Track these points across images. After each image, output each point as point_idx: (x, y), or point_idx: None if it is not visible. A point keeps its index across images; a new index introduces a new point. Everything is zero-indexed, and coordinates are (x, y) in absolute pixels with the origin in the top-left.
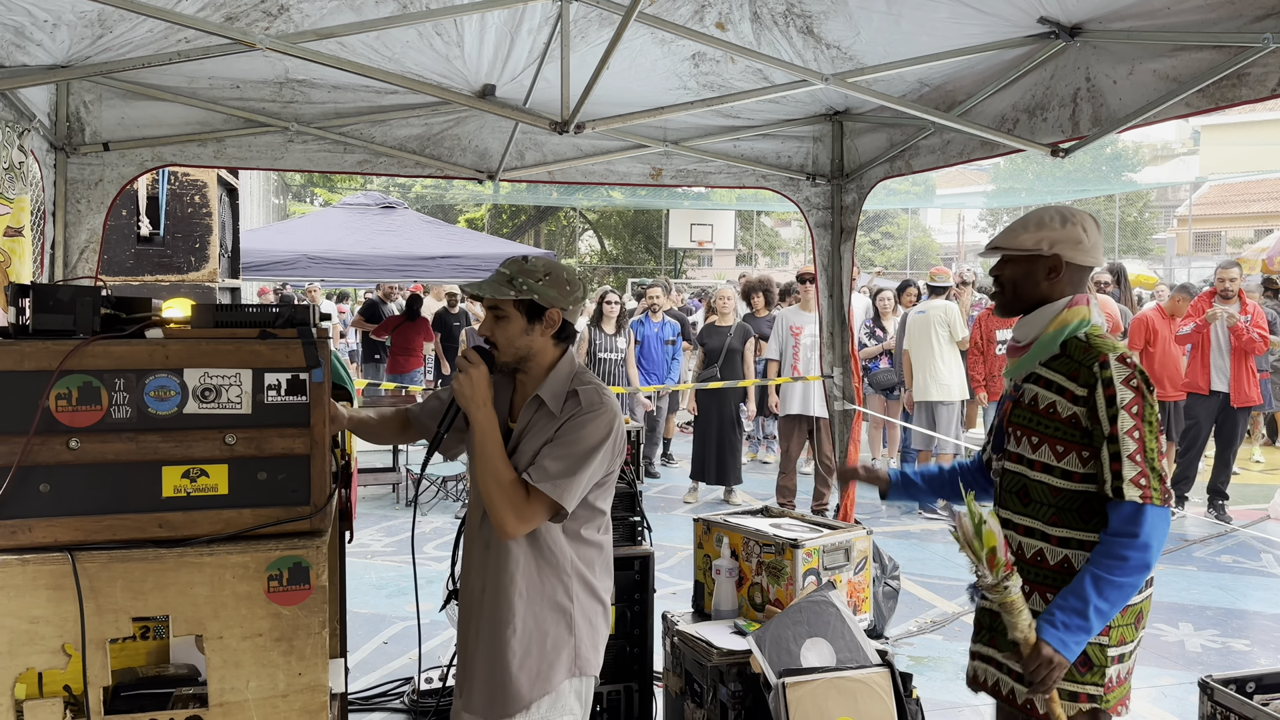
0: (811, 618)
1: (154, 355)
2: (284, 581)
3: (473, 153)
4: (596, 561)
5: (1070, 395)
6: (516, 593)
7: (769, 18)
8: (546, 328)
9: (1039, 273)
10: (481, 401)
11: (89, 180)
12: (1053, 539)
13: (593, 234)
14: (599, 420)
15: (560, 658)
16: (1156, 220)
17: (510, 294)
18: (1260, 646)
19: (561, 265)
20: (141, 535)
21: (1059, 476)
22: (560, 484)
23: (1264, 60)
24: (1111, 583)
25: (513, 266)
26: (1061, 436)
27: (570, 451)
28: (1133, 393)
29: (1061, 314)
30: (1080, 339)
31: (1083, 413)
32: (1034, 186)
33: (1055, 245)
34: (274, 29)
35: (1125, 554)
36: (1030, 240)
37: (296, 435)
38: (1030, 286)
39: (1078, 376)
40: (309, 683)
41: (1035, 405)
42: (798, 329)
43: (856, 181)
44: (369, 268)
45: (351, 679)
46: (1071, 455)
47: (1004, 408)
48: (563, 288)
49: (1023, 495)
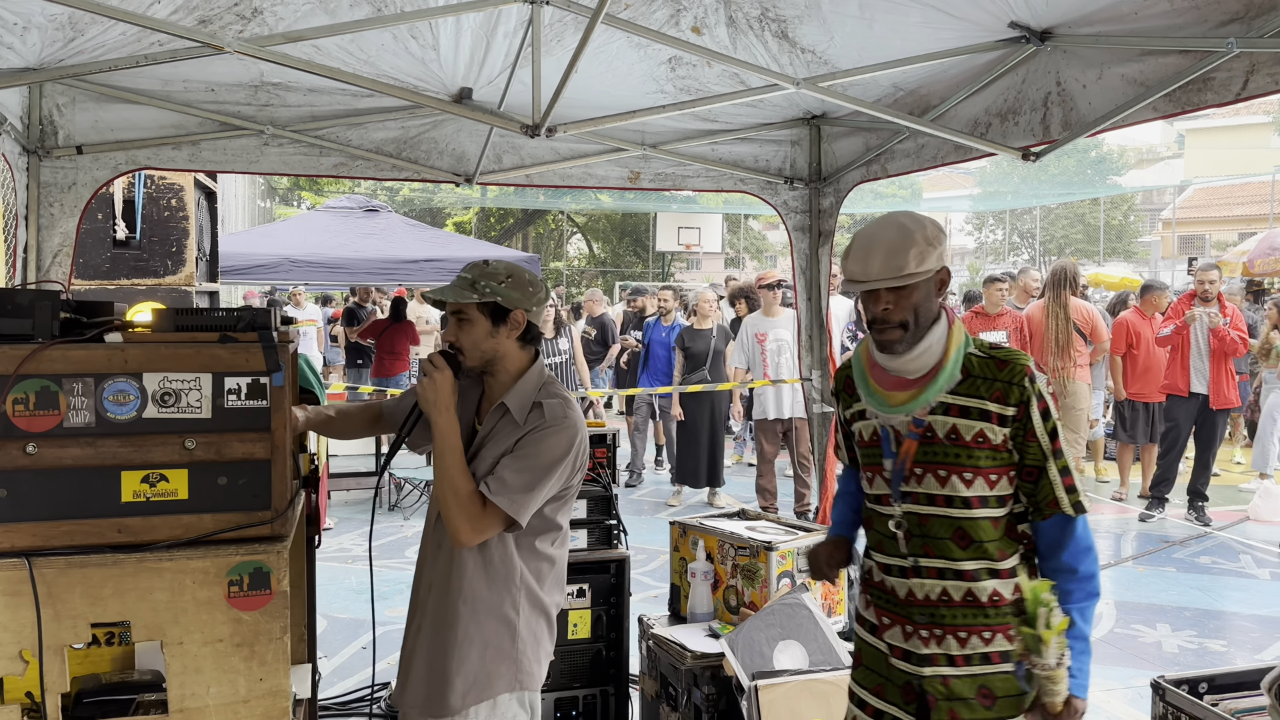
0: (784, 620)
1: (113, 359)
2: (245, 587)
3: (450, 156)
4: (547, 575)
5: (998, 418)
6: (462, 599)
7: (744, 22)
8: (511, 330)
9: (934, 291)
10: (443, 407)
11: (62, 184)
12: (1002, 573)
13: (580, 237)
14: (560, 435)
15: (500, 669)
16: (1141, 223)
17: (473, 297)
18: (1237, 647)
19: (523, 268)
20: (100, 540)
21: (995, 506)
22: (516, 499)
23: (1228, 65)
24: (1093, 603)
25: (474, 270)
26: (995, 464)
27: (529, 465)
28: (1053, 401)
29: (952, 334)
30: (979, 354)
31: (1011, 432)
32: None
33: (943, 256)
34: (248, 32)
35: (1091, 570)
36: (933, 259)
37: (257, 440)
38: (930, 309)
39: (1005, 397)
40: (270, 688)
41: (957, 438)
42: (762, 335)
43: (834, 185)
44: (352, 271)
45: (330, 684)
46: (1003, 480)
47: (905, 447)
48: (525, 289)
49: (960, 539)
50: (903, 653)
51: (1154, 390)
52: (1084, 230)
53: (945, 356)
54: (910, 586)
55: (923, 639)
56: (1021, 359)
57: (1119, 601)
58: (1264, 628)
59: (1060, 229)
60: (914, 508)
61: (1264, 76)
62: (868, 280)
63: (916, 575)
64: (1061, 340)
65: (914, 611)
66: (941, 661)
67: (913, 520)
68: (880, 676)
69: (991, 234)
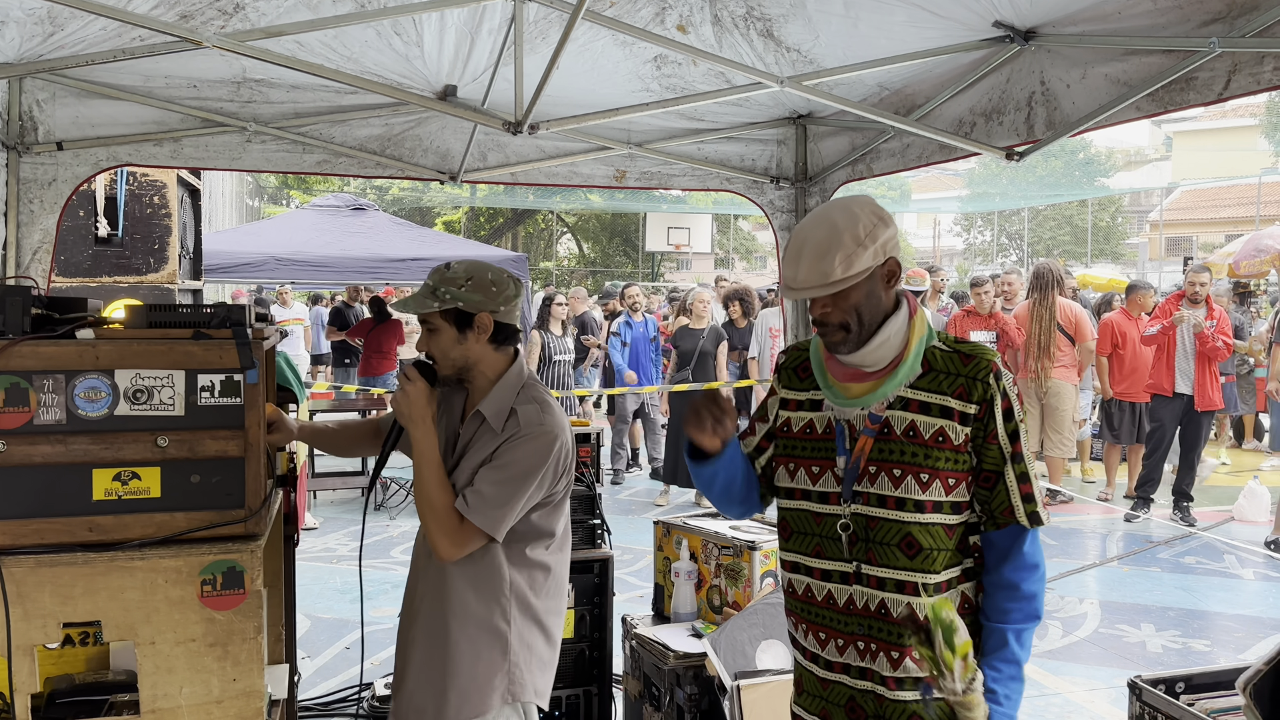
0: (767, 619)
1: (84, 356)
2: (218, 586)
3: (434, 153)
4: (543, 583)
5: (959, 416)
6: (452, 612)
7: (729, 20)
8: (479, 334)
9: (878, 286)
10: (418, 419)
11: (42, 180)
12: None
13: (570, 237)
14: (536, 443)
15: (494, 682)
16: (1129, 225)
17: (434, 305)
18: (1220, 647)
19: (486, 267)
20: (71, 539)
21: (950, 512)
22: (491, 514)
23: (1211, 65)
24: (1032, 627)
25: (435, 277)
26: (954, 467)
27: (505, 477)
28: (1017, 402)
29: (914, 325)
30: (943, 348)
31: (975, 432)
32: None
33: (886, 248)
34: (230, 27)
35: (1035, 590)
36: (866, 257)
37: (230, 437)
38: (875, 306)
39: (967, 393)
40: (244, 689)
41: (914, 436)
42: (775, 331)
43: (820, 184)
44: (338, 270)
45: (313, 684)
46: (960, 486)
47: (860, 444)
48: (488, 290)
49: (907, 546)
50: (841, 666)
51: (1140, 390)
52: (1072, 232)
53: (906, 349)
54: (851, 594)
55: (859, 650)
56: (987, 354)
57: (1104, 601)
58: (1247, 627)
59: (1048, 230)
60: (863, 509)
61: (1246, 76)
62: (796, 287)
63: (859, 582)
64: (1044, 340)
65: (852, 622)
66: (875, 678)
67: (860, 523)
68: (822, 700)
69: (980, 235)
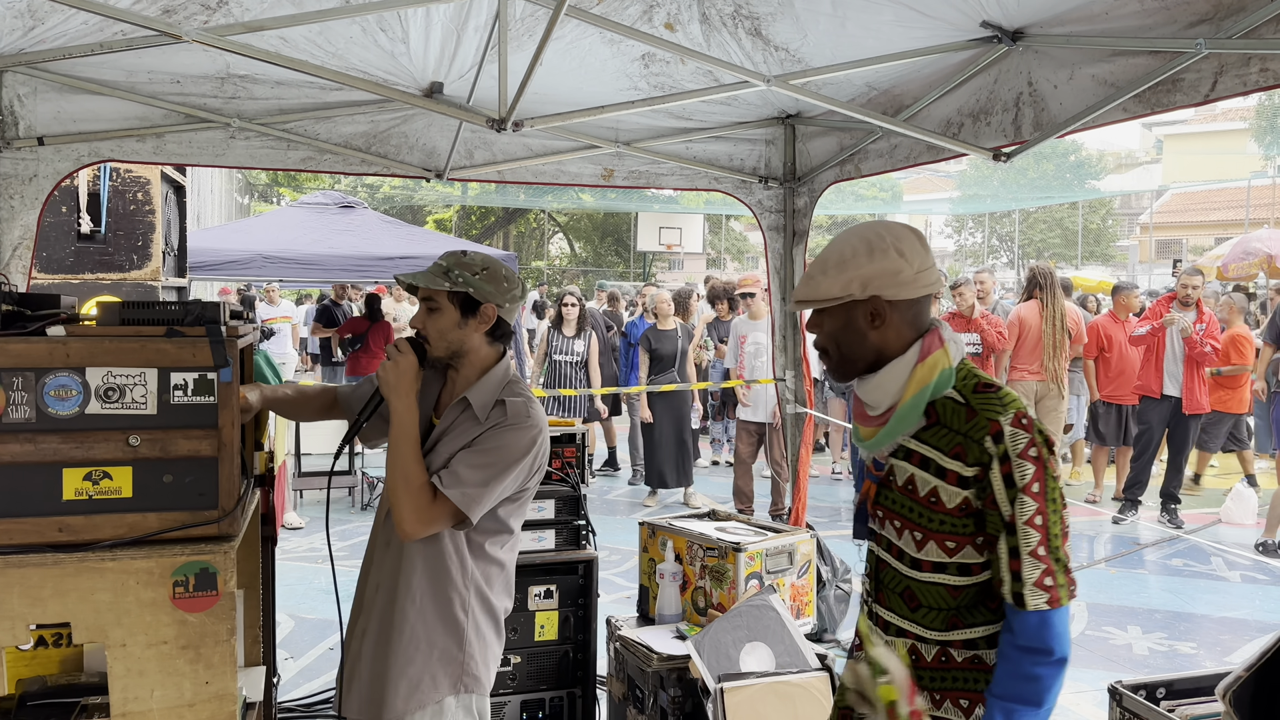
0: (751, 621)
1: (54, 353)
2: (190, 588)
3: (420, 151)
4: (497, 579)
5: (955, 478)
6: (410, 599)
7: (717, 19)
8: (480, 323)
9: (860, 322)
10: (404, 391)
11: (23, 175)
12: (956, 643)
13: (562, 236)
14: (522, 434)
15: (447, 671)
16: (1119, 227)
17: (445, 285)
18: (1206, 649)
19: (500, 263)
20: (40, 540)
21: (956, 574)
22: (469, 493)
23: (1197, 66)
24: (1029, 713)
25: (450, 259)
26: (950, 531)
27: (487, 461)
28: (1033, 465)
29: (916, 373)
30: (955, 398)
31: (973, 494)
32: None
33: (868, 285)
34: (213, 22)
35: (1039, 673)
36: (835, 285)
37: (203, 437)
38: (857, 341)
39: (964, 454)
40: (217, 691)
41: (912, 491)
42: (743, 337)
43: (808, 185)
44: (326, 267)
45: (296, 685)
46: (967, 548)
47: (864, 487)
48: (500, 284)
49: (908, 598)
50: None
51: (1127, 392)
52: (1062, 234)
53: (902, 398)
54: (868, 626)
55: None
56: (992, 410)
57: (1091, 604)
58: (1233, 630)
59: (1039, 233)
60: (875, 549)
61: (1232, 78)
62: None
63: (870, 618)
64: (1057, 339)
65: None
66: None
67: (873, 561)
68: None
69: (971, 237)
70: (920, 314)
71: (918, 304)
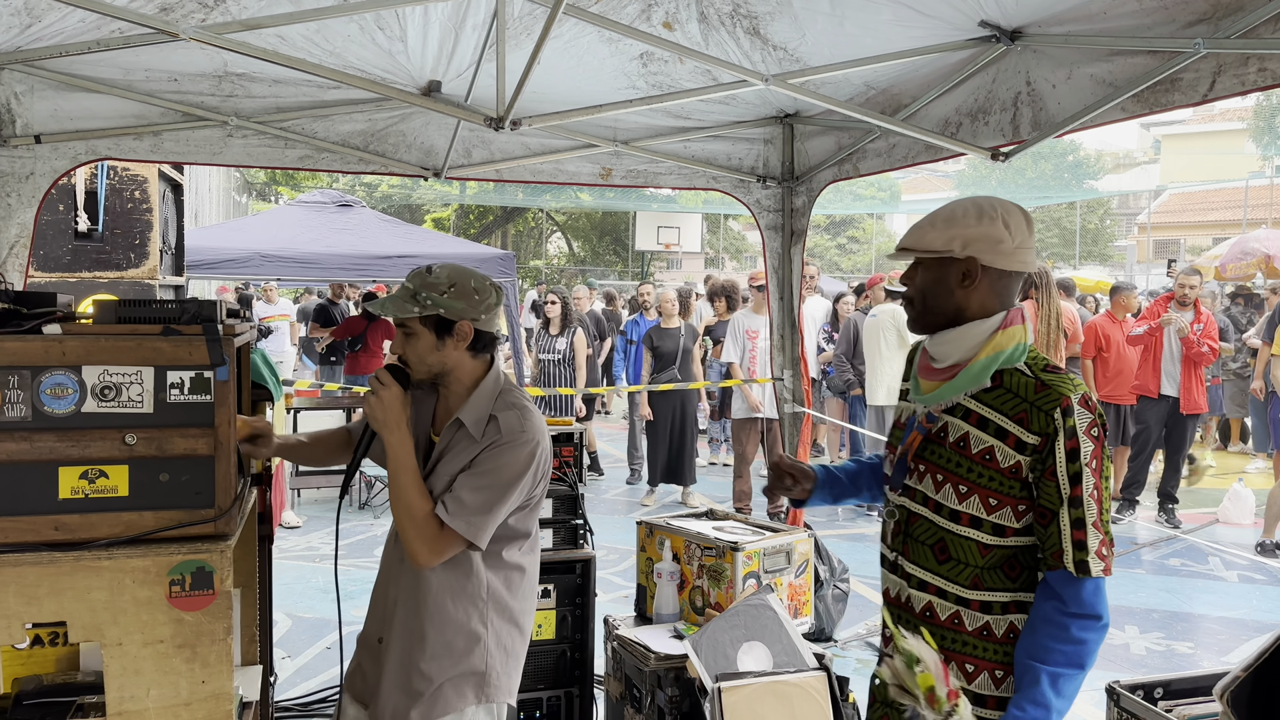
0: (749, 621)
1: (50, 352)
2: (186, 586)
3: (418, 149)
4: (518, 583)
5: (1015, 442)
6: (427, 616)
7: (716, 18)
8: (459, 341)
9: (951, 279)
10: (394, 424)
11: (20, 173)
12: (973, 604)
13: (561, 236)
14: (519, 451)
15: (469, 683)
16: (1117, 227)
17: (415, 310)
18: (1204, 649)
19: (468, 273)
20: (36, 538)
21: (990, 532)
22: (474, 521)
23: (1196, 65)
24: (1073, 676)
25: (416, 280)
26: (997, 489)
27: (487, 484)
28: (1094, 444)
29: (994, 338)
30: (1024, 371)
31: (1028, 462)
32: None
33: (969, 245)
34: (210, 20)
35: (1086, 637)
36: (939, 239)
37: (200, 435)
38: (943, 297)
39: (1028, 421)
40: (213, 691)
41: (964, 447)
42: (753, 333)
43: (806, 184)
44: (324, 266)
45: (293, 684)
46: (1006, 509)
47: (910, 438)
48: (470, 298)
49: (939, 550)
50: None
51: (1124, 392)
52: (1060, 234)
53: (975, 357)
54: (896, 585)
55: (886, 640)
56: (1065, 388)
57: None
58: (1231, 630)
59: (1036, 232)
60: (906, 503)
61: (1231, 78)
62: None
63: (894, 572)
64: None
65: (890, 611)
66: None
67: (903, 514)
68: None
69: None
70: (1009, 287)
71: (1008, 277)
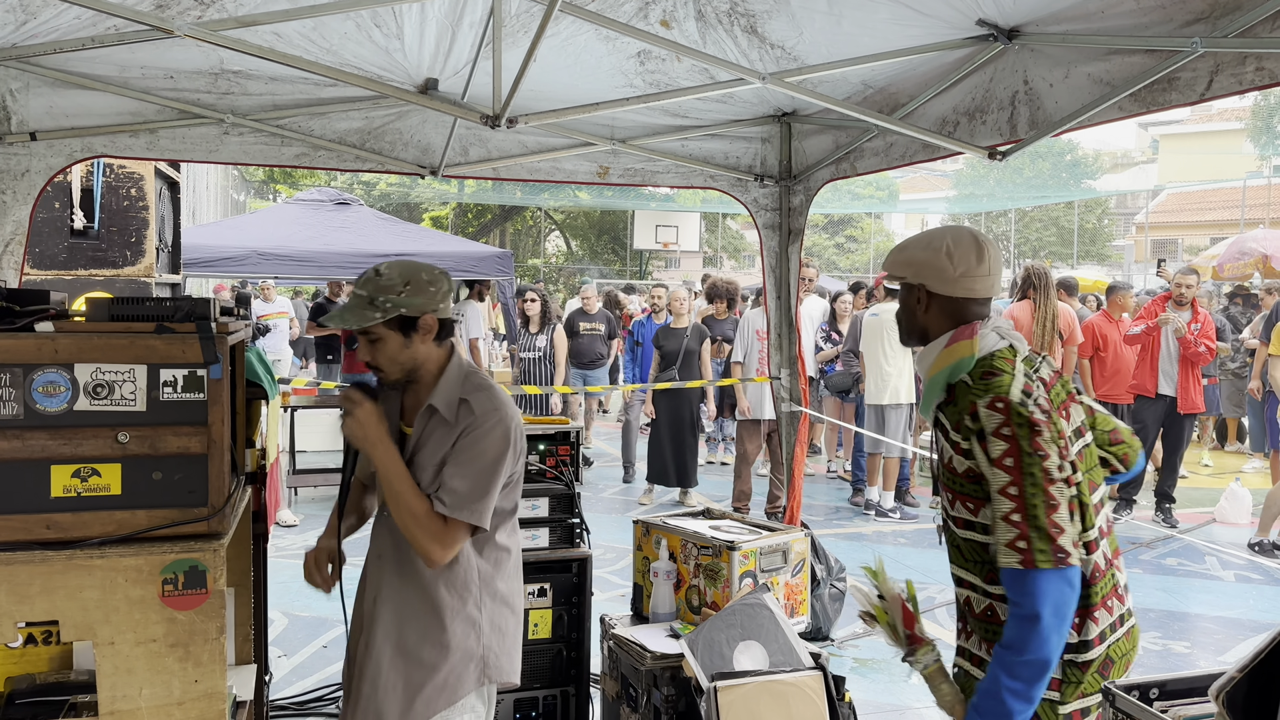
0: (745, 620)
1: (42, 349)
2: (179, 585)
3: (415, 147)
4: (505, 564)
5: (960, 449)
6: (424, 607)
7: (713, 16)
8: (424, 334)
9: (912, 301)
10: (375, 439)
11: (15, 171)
12: (996, 597)
13: (559, 234)
14: (496, 430)
15: (469, 669)
16: (1115, 227)
17: (376, 317)
18: (1200, 648)
19: (418, 266)
20: (28, 537)
21: (981, 532)
22: (476, 507)
23: (1193, 65)
24: (1018, 661)
25: (369, 286)
26: (968, 493)
27: (475, 469)
28: (1005, 443)
29: (940, 356)
30: (965, 382)
31: (973, 465)
32: (995, 192)
33: (919, 273)
34: (207, 17)
35: (1018, 628)
36: (898, 266)
37: (193, 434)
38: (910, 318)
39: (960, 428)
40: (206, 690)
41: (941, 456)
42: (762, 334)
43: (804, 183)
44: (321, 264)
45: (289, 683)
46: (984, 510)
47: None
48: (426, 290)
49: (958, 551)
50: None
51: (1121, 392)
52: (1058, 233)
53: (931, 373)
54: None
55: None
56: (974, 393)
57: None
58: (1227, 629)
59: (1034, 232)
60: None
61: (1228, 77)
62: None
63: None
64: (1047, 340)
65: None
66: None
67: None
68: None
69: None
70: (961, 310)
71: (958, 302)
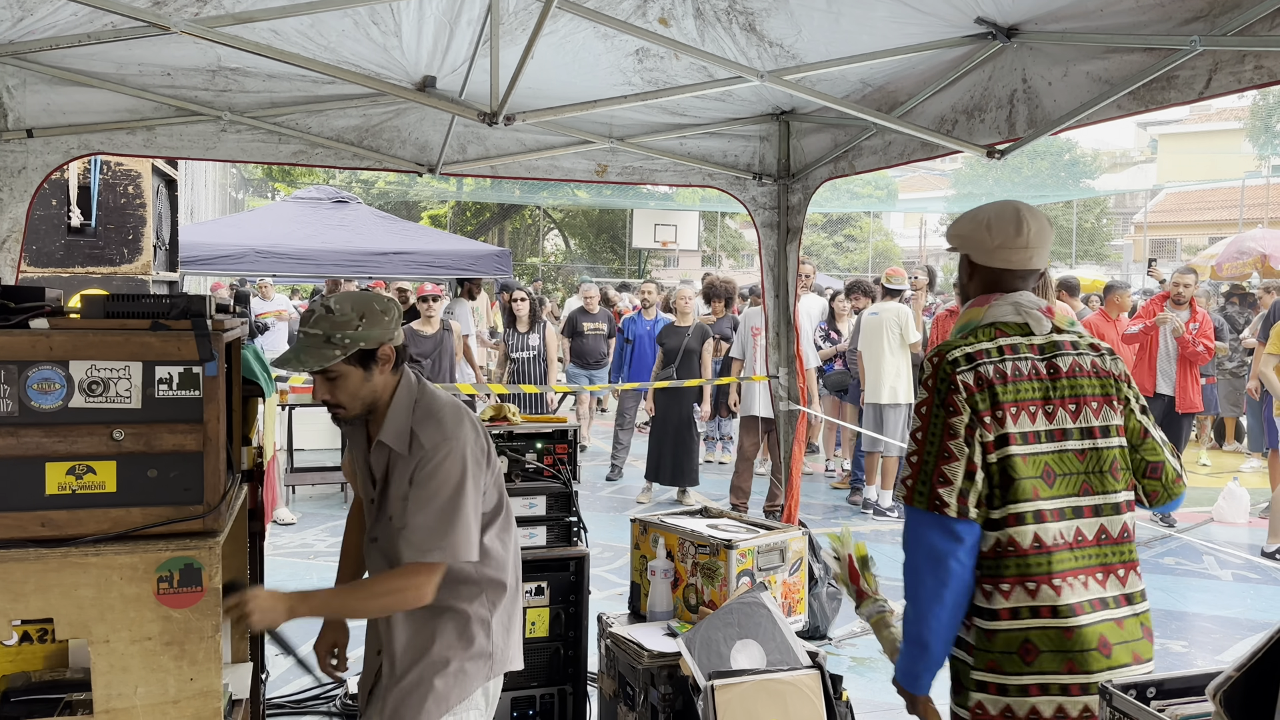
0: (742, 619)
1: (37, 346)
2: (175, 583)
3: (413, 145)
4: (506, 560)
5: None
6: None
7: (712, 14)
8: (384, 364)
9: (961, 270)
10: (288, 609)
11: (11, 168)
12: None
13: (557, 233)
14: (449, 460)
15: (476, 666)
16: (1114, 226)
17: (337, 355)
18: (1198, 648)
19: (368, 296)
20: (22, 535)
21: None
22: (443, 544)
23: (1192, 63)
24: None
25: (323, 324)
26: None
27: (435, 506)
28: (926, 392)
29: (960, 318)
30: None
31: None
32: (993, 191)
33: (965, 244)
34: (203, 14)
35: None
36: (951, 236)
37: (189, 431)
38: (961, 282)
39: None
40: (201, 688)
41: None
42: (757, 330)
43: (802, 182)
44: (319, 263)
45: (285, 681)
46: None
47: None
48: (381, 320)
49: None
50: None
51: None
52: (1057, 233)
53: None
54: None
55: None
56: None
57: None
58: (1225, 629)
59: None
60: None
61: (1226, 75)
62: None
63: None
64: None
65: None
66: None
67: None
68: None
69: None
70: (998, 280)
71: (995, 272)
